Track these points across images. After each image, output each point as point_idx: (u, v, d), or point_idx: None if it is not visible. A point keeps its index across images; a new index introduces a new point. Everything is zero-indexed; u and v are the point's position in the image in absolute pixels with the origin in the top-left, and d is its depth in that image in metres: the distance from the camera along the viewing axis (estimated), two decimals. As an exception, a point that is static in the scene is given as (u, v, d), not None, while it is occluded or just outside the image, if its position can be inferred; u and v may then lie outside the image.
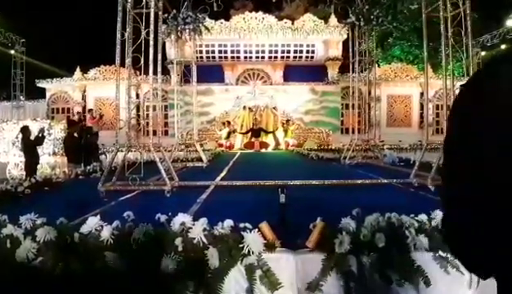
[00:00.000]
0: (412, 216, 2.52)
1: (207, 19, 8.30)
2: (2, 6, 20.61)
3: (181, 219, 2.39)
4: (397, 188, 5.14)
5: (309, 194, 4.37)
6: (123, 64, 4.97)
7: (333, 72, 19.24)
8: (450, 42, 5.32)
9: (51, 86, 20.40)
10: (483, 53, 19.22)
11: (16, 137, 10.78)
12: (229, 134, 17.16)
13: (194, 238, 2.21)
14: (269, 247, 2.19)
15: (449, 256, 2.31)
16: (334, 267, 2.18)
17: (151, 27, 4.70)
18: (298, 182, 4.81)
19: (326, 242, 2.24)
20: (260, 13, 19.20)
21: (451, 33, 5.33)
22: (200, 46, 16.28)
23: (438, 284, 2.27)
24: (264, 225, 2.27)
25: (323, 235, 2.28)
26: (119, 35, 4.78)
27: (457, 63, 7.42)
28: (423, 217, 2.52)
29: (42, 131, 10.41)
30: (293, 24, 18.96)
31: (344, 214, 2.46)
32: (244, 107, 17.99)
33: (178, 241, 2.20)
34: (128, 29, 4.78)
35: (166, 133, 17.30)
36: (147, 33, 4.72)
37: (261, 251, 2.15)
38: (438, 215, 2.51)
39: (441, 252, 2.34)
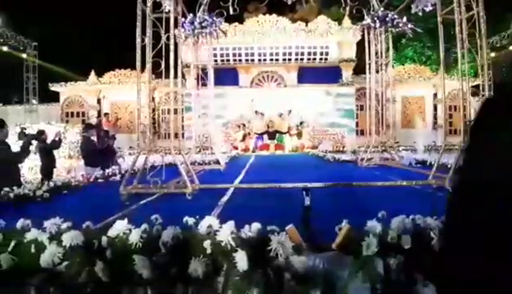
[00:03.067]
0: (435, 217, 2.53)
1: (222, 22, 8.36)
2: (14, 10, 20.95)
3: (208, 222, 2.41)
4: (416, 189, 5.12)
5: (330, 197, 4.38)
6: (142, 69, 5.02)
7: (347, 73, 19.18)
8: (465, 44, 5.30)
9: (64, 90, 20.62)
10: (493, 54, 19.08)
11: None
12: (244, 136, 17.18)
13: (222, 241, 2.23)
14: (297, 250, 2.20)
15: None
16: (361, 269, 2.18)
17: (171, 31, 4.75)
18: (317, 184, 4.82)
19: (353, 244, 2.24)
20: (274, 16, 19.23)
21: (466, 35, 5.32)
22: (215, 49, 16.36)
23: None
24: (291, 228, 2.28)
25: (349, 238, 2.28)
26: (139, 40, 4.83)
27: (469, 64, 7.40)
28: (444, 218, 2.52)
29: (58, 134, 10.53)
30: (306, 26, 18.97)
31: (367, 216, 2.47)
32: (256, 112, 17.98)
33: (207, 244, 2.22)
34: (147, 34, 4.83)
35: (182, 136, 17.42)
36: (167, 38, 4.77)
37: (289, 254, 2.16)
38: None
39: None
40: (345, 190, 5.05)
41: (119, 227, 2.44)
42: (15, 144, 7.67)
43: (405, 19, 8.27)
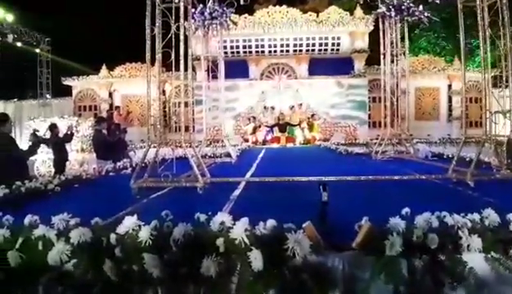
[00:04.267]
0: (463, 214, 2.39)
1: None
2: (27, 6, 21.07)
3: (221, 218, 2.30)
4: (436, 184, 4.95)
5: (346, 191, 4.23)
6: (152, 60, 4.91)
7: (359, 64, 18.87)
8: (487, 32, 5.08)
9: (77, 84, 20.69)
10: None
11: (44, 134, 10.96)
12: (254, 129, 17.04)
13: (235, 239, 2.12)
14: (315, 249, 2.08)
15: (501, 257, 2.17)
16: (384, 270, 2.05)
17: (181, 21, 4.62)
18: (333, 178, 4.68)
19: (375, 243, 2.11)
20: (284, 7, 18.99)
21: (488, 24, 5.10)
22: (225, 41, 16.25)
23: (490, 286, 2.14)
24: (309, 226, 2.16)
25: (370, 236, 2.15)
26: (148, 30, 4.71)
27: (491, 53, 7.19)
28: (474, 216, 2.37)
29: (70, 128, 10.54)
30: (317, 16, 18.67)
31: (387, 212, 2.34)
32: (266, 107, 17.79)
33: (220, 242, 2.11)
34: (157, 24, 4.72)
35: (193, 129, 17.36)
36: (177, 28, 4.64)
37: (306, 253, 2.04)
38: (491, 214, 2.37)
39: (493, 253, 2.20)
40: (362, 185, 4.90)
41: (128, 224, 2.34)
42: (27, 143, 7.73)
43: (421, 7, 8.04)
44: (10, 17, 19.02)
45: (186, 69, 5.06)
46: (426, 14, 8.24)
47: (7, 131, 6.35)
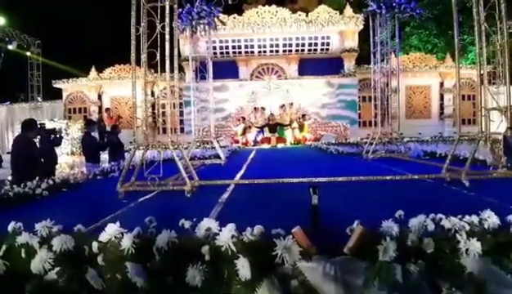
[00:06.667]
0: (460, 216, 2.30)
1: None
2: (17, 8, 20.84)
3: (207, 224, 2.20)
4: (430, 183, 4.88)
5: (338, 193, 4.14)
6: (138, 61, 4.79)
7: (349, 64, 18.86)
8: (483, 27, 4.99)
9: (67, 87, 20.54)
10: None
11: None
12: (245, 130, 16.95)
13: (222, 246, 2.02)
14: (305, 255, 1.98)
15: (503, 260, 2.08)
16: (378, 276, 1.96)
17: (167, 20, 4.51)
18: (323, 179, 4.59)
19: (367, 248, 2.02)
20: (273, 6, 18.93)
21: (484, 18, 5.02)
22: (214, 42, 16.14)
23: (490, 291, 2.05)
24: (298, 231, 2.06)
25: (363, 240, 2.06)
26: (133, 30, 4.60)
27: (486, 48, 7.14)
28: (473, 218, 2.28)
29: (59, 131, 10.37)
30: (307, 16, 18.64)
31: (380, 214, 2.25)
32: (256, 108, 17.68)
33: (205, 250, 2.01)
34: (142, 24, 4.61)
35: (181, 130, 17.31)
36: (163, 27, 4.53)
37: (296, 259, 1.94)
38: (490, 216, 2.28)
39: (493, 257, 2.11)
40: (353, 185, 4.81)
41: (111, 231, 2.23)
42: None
43: (413, 4, 7.97)
44: (0, 20, 18.84)
45: (172, 70, 4.94)
46: (418, 11, 8.19)
47: (33, 137, 6.75)
